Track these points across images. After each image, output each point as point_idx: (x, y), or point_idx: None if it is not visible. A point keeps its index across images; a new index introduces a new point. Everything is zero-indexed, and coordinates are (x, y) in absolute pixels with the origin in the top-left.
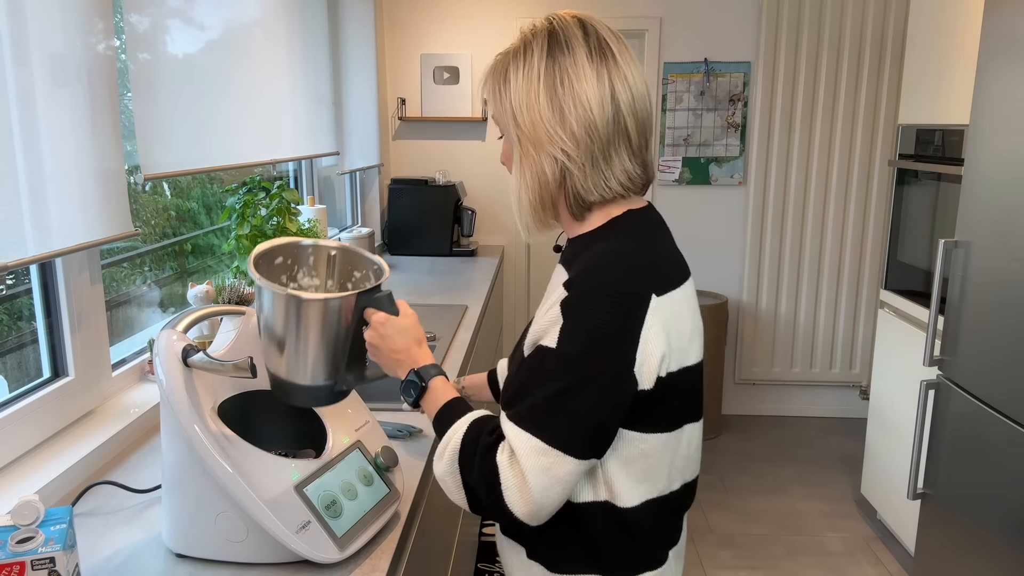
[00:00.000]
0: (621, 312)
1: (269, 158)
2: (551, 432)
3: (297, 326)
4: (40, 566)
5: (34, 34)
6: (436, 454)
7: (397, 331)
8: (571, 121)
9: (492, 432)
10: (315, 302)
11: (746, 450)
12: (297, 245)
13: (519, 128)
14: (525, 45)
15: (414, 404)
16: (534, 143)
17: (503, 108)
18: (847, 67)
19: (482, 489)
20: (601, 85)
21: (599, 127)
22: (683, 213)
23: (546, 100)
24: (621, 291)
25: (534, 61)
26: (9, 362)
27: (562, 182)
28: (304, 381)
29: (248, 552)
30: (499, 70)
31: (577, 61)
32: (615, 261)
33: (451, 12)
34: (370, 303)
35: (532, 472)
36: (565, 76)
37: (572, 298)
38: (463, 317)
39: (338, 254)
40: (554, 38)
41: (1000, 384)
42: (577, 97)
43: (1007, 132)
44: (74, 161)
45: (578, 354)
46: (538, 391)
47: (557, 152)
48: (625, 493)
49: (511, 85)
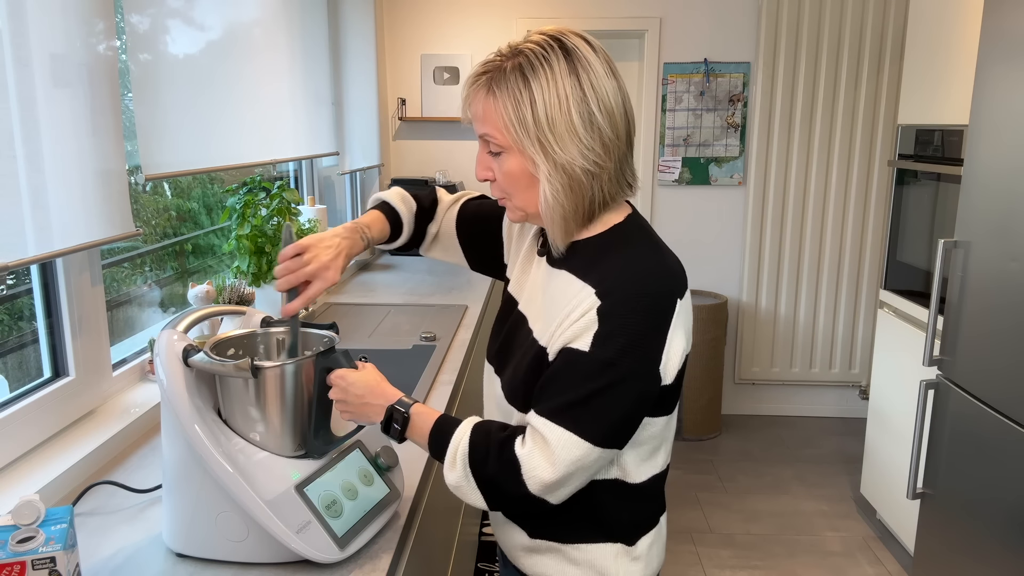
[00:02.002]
0: (656, 318)
1: (269, 158)
2: (585, 427)
3: (258, 397)
4: (41, 566)
5: (35, 34)
6: (446, 466)
7: (358, 379)
8: (603, 131)
9: (503, 430)
10: (272, 369)
11: (746, 450)
12: (248, 336)
13: (549, 144)
14: (539, 61)
15: (400, 437)
16: (568, 157)
17: (521, 126)
18: (847, 67)
19: (504, 479)
20: (616, 96)
21: (621, 134)
22: (683, 213)
23: (577, 114)
24: (657, 299)
25: (558, 78)
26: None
27: (593, 191)
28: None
29: (248, 552)
30: (512, 86)
31: (597, 74)
32: (647, 270)
33: (451, 12)
34: (328, 363)
35: (564, 463)
36: (591, 89)
37: (610, 306)
38: (463, 317)
39: (287, 337)
40: (572, 54)
41: (1000, 384)
42: (604, 108)
43: (1007, 132)
44: (75, 161)
45: (614, 358)
46: (572, 391)
47: (590, 164)
48: (634, 471)
49: (538, 103)
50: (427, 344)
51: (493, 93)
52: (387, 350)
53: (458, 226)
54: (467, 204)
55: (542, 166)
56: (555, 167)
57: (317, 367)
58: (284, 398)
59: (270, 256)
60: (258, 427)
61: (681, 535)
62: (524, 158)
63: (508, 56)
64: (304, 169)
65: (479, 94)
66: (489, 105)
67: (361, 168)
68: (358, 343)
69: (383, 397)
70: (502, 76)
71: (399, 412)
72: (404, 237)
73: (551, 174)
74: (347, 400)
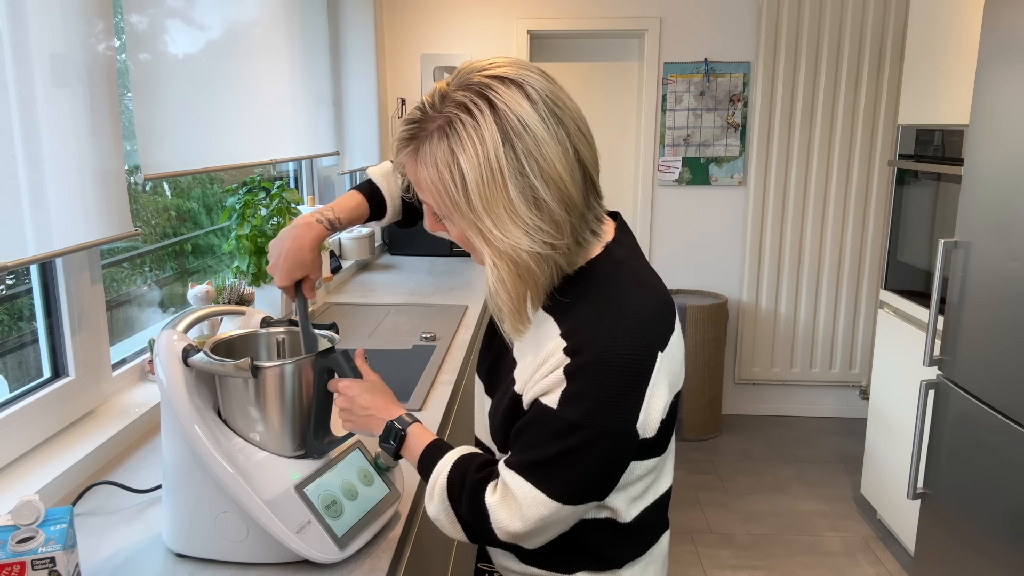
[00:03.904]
0: (629, 380)
1: (269, 158)
2: (552, 486)
3: (258, 397)
4: (40, 566)
5: (34, 34)
6: (426, 496)
7: (364, 389)
8: (551, 207)
9: (479, 469)
10: (272, 369)
11: (746, 450)
12: (248, 336)
13: (488, 229)
14: (463, 127)
15: (395, 454)
16: (512, 241)
17: (454, 206)
18: (847, 67)
19: (475, 523)
20: (564, 152)
21: (575, 199)
22: (683, 213)
23: (516, 191)
24: (629, 361)
25: (488, 148)
26: (9, 362)
27: (549, 271)
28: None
29: (248, 552)
30: (439, 159)
31: (537, 137)
32: (622, 330)
33: (451, 12)
34: (328, 363)
35: (531, 519)
36: (530, 159)
37: (577, 366)
38: (463, 317)
39: (287, 338)
40: (502, 117)
41: (1000, 384)
42: (549, 179)
43: (1007, 132)
44: (74, 161)
45: (581, 420)
46: (540, 448)
47: (539, 246)
48: (625, 510)
49: (469, 182)
50: (427, 344)
51: (420, 164)
52: (387, 350)
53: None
54: None
55: (484, 251)
56: (498, 255)
57: (317, 367)
58: (284, 398)
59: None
60: (258, 427)
61: (681, 535)
62: (462, 235)
63: (431, 115)
64: (304, 169)
65: (409, 160)
66: (420, 174)
67: (361, 168)
68: (358, 343)
69: (386, 412)
70: (427, 143)
71: (396, 429)
72: (390, 213)
73: (495, 262)
74: (352, 410)
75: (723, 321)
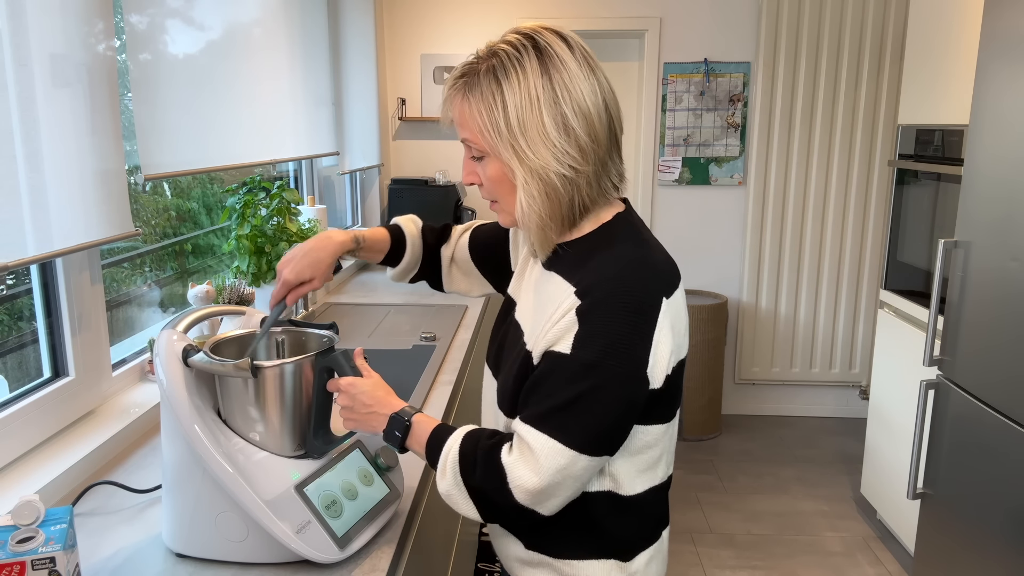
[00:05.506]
0: (638, 318)
1: (269, 158)
2: (569, 434)
3: (258, 397)
4: (40, 566)
5: (34, 34)
6: (437, 475)
7: (365, 388)
8: (578, 134)
9: (490, 437)
10: (272, 369)
11: (746, 450)
12: (248, 336)
13: (522, 149)
14: (510, 62)
15: (400, 445)
16: (542, 162)
17: (495, 131)
18: (847, 67)
19: (490, 488)
20: (594, 93)
21: (600, 135)
22: (683, 213)
23: (550, 118)
24: (639, 298)
25: (529, 79)
26: (9, 362)
27: (571, 196)
28: (276, 452)
29: (248, 552)
30: (485, 90)
31: (572, 73)
32: (629, 268)
33: (451, 12)
34: (328, 363)
35: (549, 471)
36: (564, 90)
37: (589, 305)
38: (463, 317)
39: (286, 338)
40: (544, 53)
41: (1000, 384)
42: (579, 109)
43: (1007, 132)
44: (74, 161)
45: (596, 359)
46: (555, 395)
47: (565, 169)
48: (627, 482)
49: (509, 107)
50: (427, 344)
51: (468, 98)
52: (387, 350)
53: (471, 246)
54: (479, 227)
55: (517, 171)
56: (530, 173)
57: (316, 367)
58: (284, 398)
59: (270, 256)
60: (258, 427)
61: (681, 535)
62: (502, 163)
63: (483, 58)
64: (304, 169)
65: (456, 98)
66: (465, 110)
67: (361, 168)
68: (358, 343)
69: (388, 407)
70: (476, 80)
71: (400, 420)
72: (409, 255)
73: (527, 180)
74: (354, 408)
75: (723, 321)
